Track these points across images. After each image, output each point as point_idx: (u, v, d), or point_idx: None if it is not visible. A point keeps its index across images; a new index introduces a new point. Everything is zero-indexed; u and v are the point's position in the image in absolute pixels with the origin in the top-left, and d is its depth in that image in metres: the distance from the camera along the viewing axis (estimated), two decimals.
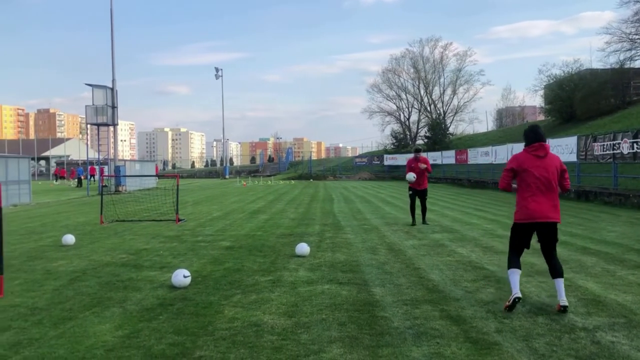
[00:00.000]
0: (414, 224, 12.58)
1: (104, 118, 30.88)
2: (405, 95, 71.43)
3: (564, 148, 23.80)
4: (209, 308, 5.65)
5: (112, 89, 31.06)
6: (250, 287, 6.61)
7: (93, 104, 30.78)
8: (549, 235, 5.48)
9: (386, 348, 4.33)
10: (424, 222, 13.02)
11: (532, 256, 8.33)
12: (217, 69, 70.59)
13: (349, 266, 7.82)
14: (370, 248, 9.49)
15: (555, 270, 5.40)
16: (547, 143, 5.76)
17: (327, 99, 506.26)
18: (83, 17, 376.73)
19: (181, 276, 6.59)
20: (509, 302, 5.33)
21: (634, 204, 17.17)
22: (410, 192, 12.87)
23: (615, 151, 19.19)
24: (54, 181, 54.07)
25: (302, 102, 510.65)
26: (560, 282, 5.33)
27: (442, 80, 69.11)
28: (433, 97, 69.74)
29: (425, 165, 12.63)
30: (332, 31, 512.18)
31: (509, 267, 5.54)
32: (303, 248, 8.69)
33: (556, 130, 41.01)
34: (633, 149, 18.17)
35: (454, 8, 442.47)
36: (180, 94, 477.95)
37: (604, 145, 20.25)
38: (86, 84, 30.82)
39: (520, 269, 5.52)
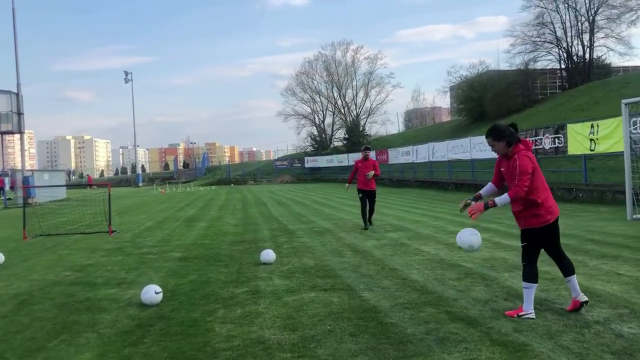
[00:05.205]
0: (366, 227, 12.18)
1: (9, 125, 28.51)
2: (319, 98, 72.01)
3: (485, 145, 24.36)
4: (196, 327, 5.10)
5: (17, 94, 28.74)
6: (230, 300, 6.09)
7: None
8: (558, 228, 5.14)
9: (416, 358, 4.03)
10: (369, 222, 12.76)
11: (505, 251, 8.41)
12: (126, 73, 67.63)
13: (323, 271, 7.46)
14: (334, 251, 9.17)
15: (570, 268, 5.08)
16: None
17: (238, 102, 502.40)
18: None
19: (152, 292, 5.96)
20: (522, 314, 4.95)
21: (557, 197, 17.93)
22: (360, 195, 12.57)
23: (537, 147, 20.08)
24: None
25: (212, 106, 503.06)
26: (574, 279, 5.05)
27: (354, 83, 70.42)
28: (346, 99, 70.80)
29: (373, 173, 12.41)
30: (241, 35, 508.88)
31: (533, 280, 4.99)
32: (269, 255, 8.22)
33: (469, 129, 42.70)
34: (554, 144, 19.09)
35: (361, 12, 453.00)
36: (83, 100, 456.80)
37: None
38: None
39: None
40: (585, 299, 5.04)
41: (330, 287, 6.47)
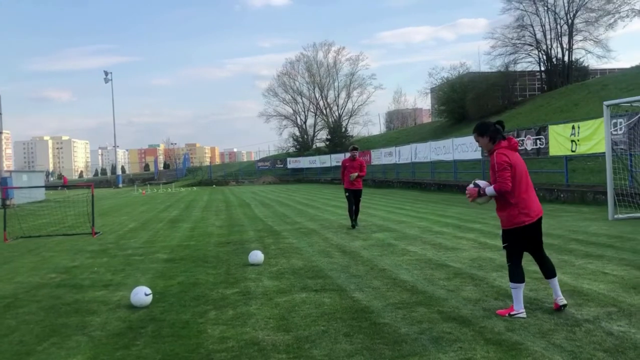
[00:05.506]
0: (353, 226, 12.29)
1: None
2: (301, 98, 72.01)
3: (468, 146, 24.86)
4: (187, 328, 5.06)
5: None
6: (221, 301, 6.05)
7: None
8: (540, 231, 5.20)
9: (412, 357, 4.05)
10: (355, 223, 12.71)
11: (492, 251, 8.48)
12: (106, 73, 66.93)
13: (312, 272, 7.46)
14: (322, 252, 9.17)
15: (551, 270, 5.17)
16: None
17: (218, 103, 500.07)
18: None
19: (142, 294, 5.90)
20: (513, 313, 4.97)
21: (539, 197, 18.15)
22: (347, 193, 12.63)
23: (519, 147, 20.29)
24: None
25: (192, 106, 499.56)
26: (555, 281, 5.14)
27: (336, 84, 70.56)
28: (328, 100, 70.91)
29: (356, 175, 12.48)
30: (221, 35, 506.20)
31: (518, 280, 5.01)
32: (257, 256, 8.19)
33: (451, 130, 43.05)
34: (536, 145, 19.32)
35: (342, 13, 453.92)
36: (61, 100, 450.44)
37: None
38: None
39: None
40: (564, 302, 5.08)
41: (320, 288, 6.47)
